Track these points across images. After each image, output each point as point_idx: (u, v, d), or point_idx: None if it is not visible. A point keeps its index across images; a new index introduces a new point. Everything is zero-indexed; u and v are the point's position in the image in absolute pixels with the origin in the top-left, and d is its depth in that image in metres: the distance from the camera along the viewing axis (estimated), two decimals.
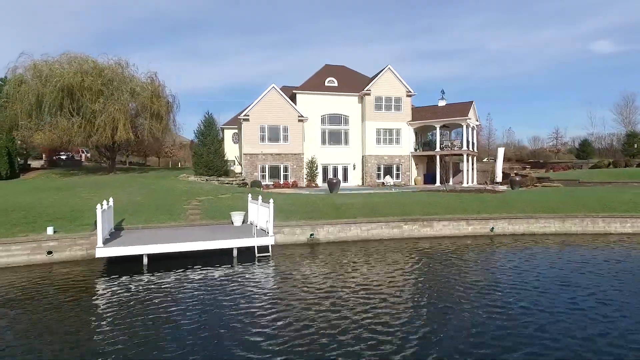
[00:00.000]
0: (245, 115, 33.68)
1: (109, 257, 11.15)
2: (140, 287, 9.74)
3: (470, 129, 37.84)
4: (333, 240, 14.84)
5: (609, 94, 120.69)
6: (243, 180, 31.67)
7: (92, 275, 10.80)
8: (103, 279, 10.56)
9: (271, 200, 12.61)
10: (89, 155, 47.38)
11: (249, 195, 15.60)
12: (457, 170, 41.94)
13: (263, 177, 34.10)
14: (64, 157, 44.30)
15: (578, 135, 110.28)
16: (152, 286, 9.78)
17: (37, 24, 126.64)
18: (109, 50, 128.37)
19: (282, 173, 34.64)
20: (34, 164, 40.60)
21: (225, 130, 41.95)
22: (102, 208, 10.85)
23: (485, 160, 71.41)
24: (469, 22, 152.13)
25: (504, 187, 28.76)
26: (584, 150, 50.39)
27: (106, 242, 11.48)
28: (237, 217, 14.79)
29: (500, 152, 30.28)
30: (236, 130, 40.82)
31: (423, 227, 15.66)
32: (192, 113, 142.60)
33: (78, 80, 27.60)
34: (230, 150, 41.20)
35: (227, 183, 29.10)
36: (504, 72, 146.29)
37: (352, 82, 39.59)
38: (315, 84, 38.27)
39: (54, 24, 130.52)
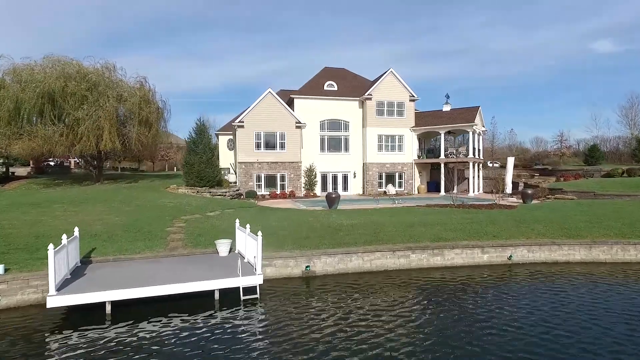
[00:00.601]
0: (239, 121, 31.96)
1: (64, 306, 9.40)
2: (97, 348, 7.99)
3: (476, 135, 36.15)
4: (332, 273, 13.08)
5: (612, 94, 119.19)
6: (237, 190, 29.95)
7: (43, 329, 9.03)
8: (54, 335, 8.79)
9: (259, 234, 10.85)
10: (79, 161, 45.66)
11: (237, 221, 13.85)
12: (462, 177, 40.29)
13: (259, 186, 32.39)
14: (52, 163, 42.62)
15: (583, 138, 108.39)
16: (110, 349, 8.02)
17: (34, 24, 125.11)
18: (108, 51, 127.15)
19: (278, 182, 32.91)
20: (20, 171, 38.92)
21: (220, 136, 40.22)
22: (54, 248, 9.09)
23: (490, 164, 69.66)
24: (469, 21, 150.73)
25: (514, 199, 27.04)
26: (592, 155, 48.55)
27: (64, 285, 9.74)
28: (222, 247, 13.04)
29: (510, 162, 28.54)
30: (232, 137, 39.11)
31: (433, 255, 13.90)
32: (192, 113, 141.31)
33: (60, 85, 25.87)
34: (226, 157, 39.48)
35: (219, 195, 27.41)
36: (504, 72, 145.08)
37: (353, 86, 37.86)
38: (313, 88, 36.54)
39: (50, 24, 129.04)
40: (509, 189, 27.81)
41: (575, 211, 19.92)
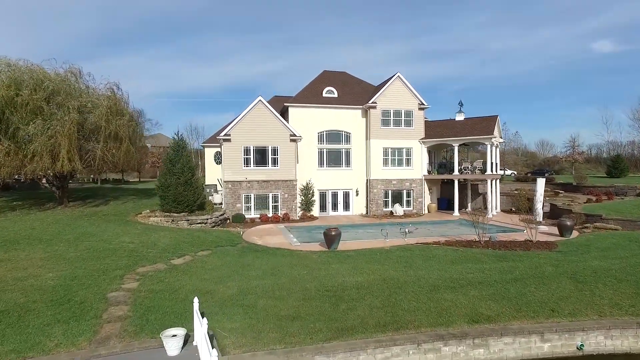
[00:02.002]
0: (225, 134, 27.89)
1: None
2: None
3: (493, 148, 32.12)
4: None
5: (614, 95, 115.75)
6: (222, 215, 25.87)
7: None
8: None
9: (214, 354, 6.74)
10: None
11: (195, 303, 9.71)
12: (476, 193, 36.30)
13: (248, 208, 28.36)
14: (22, 179, 38.50)
15: (595, 143, 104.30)
16: None
17: (33, 24, 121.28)
18: (105, 51, 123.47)
19: (271, 203, 28.83)
20: None
21: (206, 149, 36.15)
22: None
23: (501, 172, 65.41)
24: (470, 21, 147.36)
25: (545, 228, 22.94)
26: (616, 167, 44.35)
27: None
28: (171, 343, 8.95)
29: (541, 184, 24.38)
30: (219, 149, 35.07)
31: (474, 347, 9.83)
32: (192, 113, 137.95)
33: (10, 95, 21.79)
34: (213, 173, 35.44)
35: (199, 223, 23.35)
36: (505, 72, 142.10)
37: (355, 92, 33.84)
38: (311, 95, 32.50)
39: (48, 24, 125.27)
40: (539, 216, 23.74)
41: (638, 255, 15.85)
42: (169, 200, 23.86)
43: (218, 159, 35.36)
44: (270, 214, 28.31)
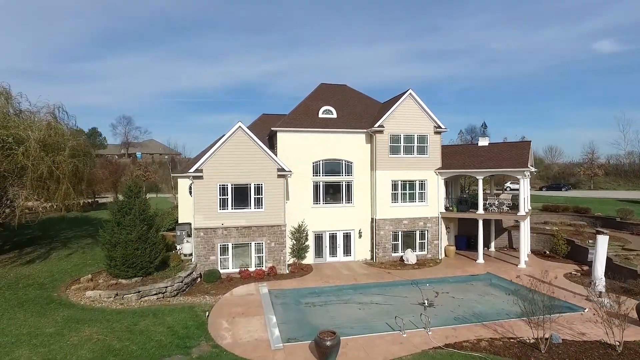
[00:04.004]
0: (197, 169, 22.34)
1: None
2: None
3: (526, 180, 26.57)
4: None
5: (618, 96, 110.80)
6: (190, 273, 20.38)
7: None
8: None
9: None
10: None
11: None
12: (501, 229, 30.89)
13: (225, 261, 22.87)
14: None
15: (614, 153, 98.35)
16: None
17: (34, 25, 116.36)
18: (106, 51, 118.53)
19: (253, 254, 23.30)
20: None
21: (180, 179, 30.55)
22: None
23: (509, 186, 60.51)
24: (471, 22, 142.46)
25: (605, 300, 17.30)
26: None
27: None
28: None
29: (602, 244, 18.48)
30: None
31: None
32: (191, 113, 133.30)
33: None
34: (189, 207, 29.84)
35: (154, 294, 17.94)
36: (505, 73, 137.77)
37: (357, 112, 28.32)
38: (305, 116, 26.97)
39: (48, 25, 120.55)
40: (601, 284, 18.10)
41: None
42: (117, 263, 18.32)
43: None
44: (252, 268, 22.76)
